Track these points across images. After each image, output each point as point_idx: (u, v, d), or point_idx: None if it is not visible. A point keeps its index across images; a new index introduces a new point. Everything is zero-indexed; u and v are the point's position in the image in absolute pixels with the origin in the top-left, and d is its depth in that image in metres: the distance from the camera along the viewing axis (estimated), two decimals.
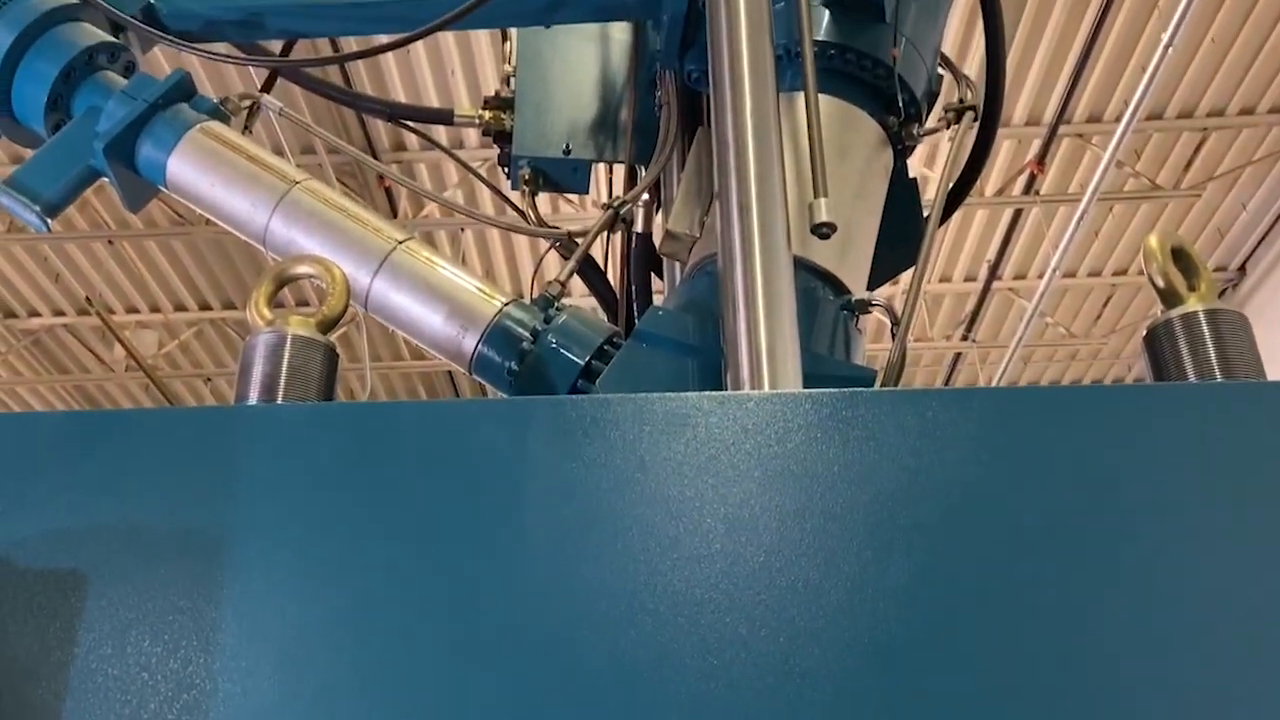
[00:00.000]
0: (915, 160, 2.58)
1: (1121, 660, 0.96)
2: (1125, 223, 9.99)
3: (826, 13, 2.06)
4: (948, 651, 0.97)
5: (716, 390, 1.56)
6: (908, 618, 0.98)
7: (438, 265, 1.89)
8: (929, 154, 8.16)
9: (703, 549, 1.01)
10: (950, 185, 2.22)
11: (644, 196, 2.34)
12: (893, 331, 1.83)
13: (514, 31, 2.58)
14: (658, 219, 2.44)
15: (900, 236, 2.12)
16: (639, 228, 2.43)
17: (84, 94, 2.07)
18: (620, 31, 2.53)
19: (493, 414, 1.12)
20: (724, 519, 1.03)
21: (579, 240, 2.14)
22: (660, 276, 2.48)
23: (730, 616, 0.98)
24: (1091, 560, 1.00)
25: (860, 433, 1.06)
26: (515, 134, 2.47)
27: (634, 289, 2.45)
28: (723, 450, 1.06)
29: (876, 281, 2.15)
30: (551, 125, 2.47)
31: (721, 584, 1.00)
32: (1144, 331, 1.27)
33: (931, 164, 8.22)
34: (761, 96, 1.69)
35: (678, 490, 1.04)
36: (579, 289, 2.52)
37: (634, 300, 2.45)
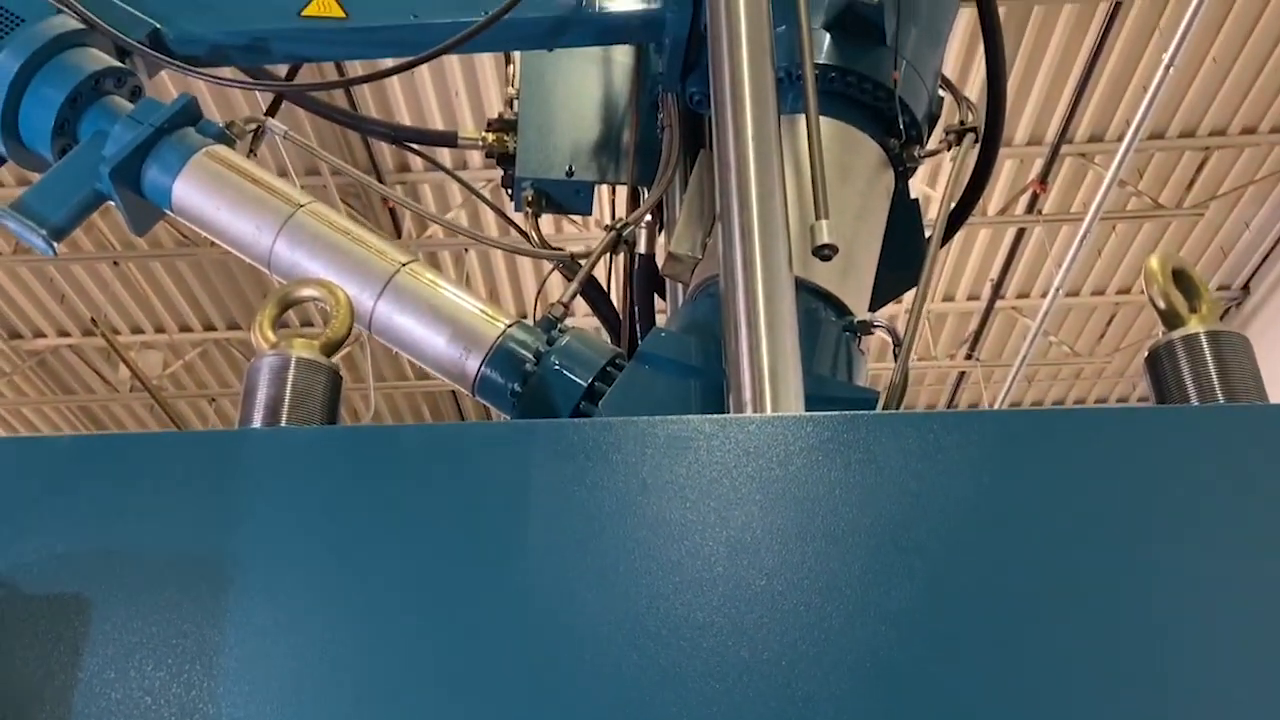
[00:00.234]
0: (917, 179, 2.59)
1: (1122, 683, 0.96)
2: (1128, 241, 10.00)
3: (827, 36, 2.07)
4: (949, 675, 0.97)
5: (719, 412, 1.57)
6: (909, 641, 0.98)
7: (441, 287, 1.90)
8: (931, 173, 8.18)
9: (705, 572, 1.01)
10: (952, 206, 2.23)
11: (646, 218, 2.35)
12: (895, 353, 1.83)
13: (517, 55, 2.60)
14: (660, 240, 2.45)
15: (902, 257, 2.12)
16: (642, 249, 2.44)
17: (90, 119, 2.08)
18: (622, 55, 2.55)
19: (495, 438, 1.12)
20: (726, 542, 1.03)
21: (582, 261, 2.14)
22: (663, 297, 2.49)
23: (732, 640, 0.98)
24: (1092, 584, 1.00)
25: (861, 456, 1.07)
26: (518, 156, 2.48)
27: (637, 310, 2.46)
28: (724, 473, 1.06)
29: (879, 302, 2.15)
30: (554, 147, 2.49)
31: (724, 607, 1.00)
32: (1146, 353, 1.27)
33: (934, 183, 8.25)
34: (763, 119, 1.69)
35: (679, 513, 1.04)
36: (582, 309, 2.53)
37: (637, 321, 2.46)
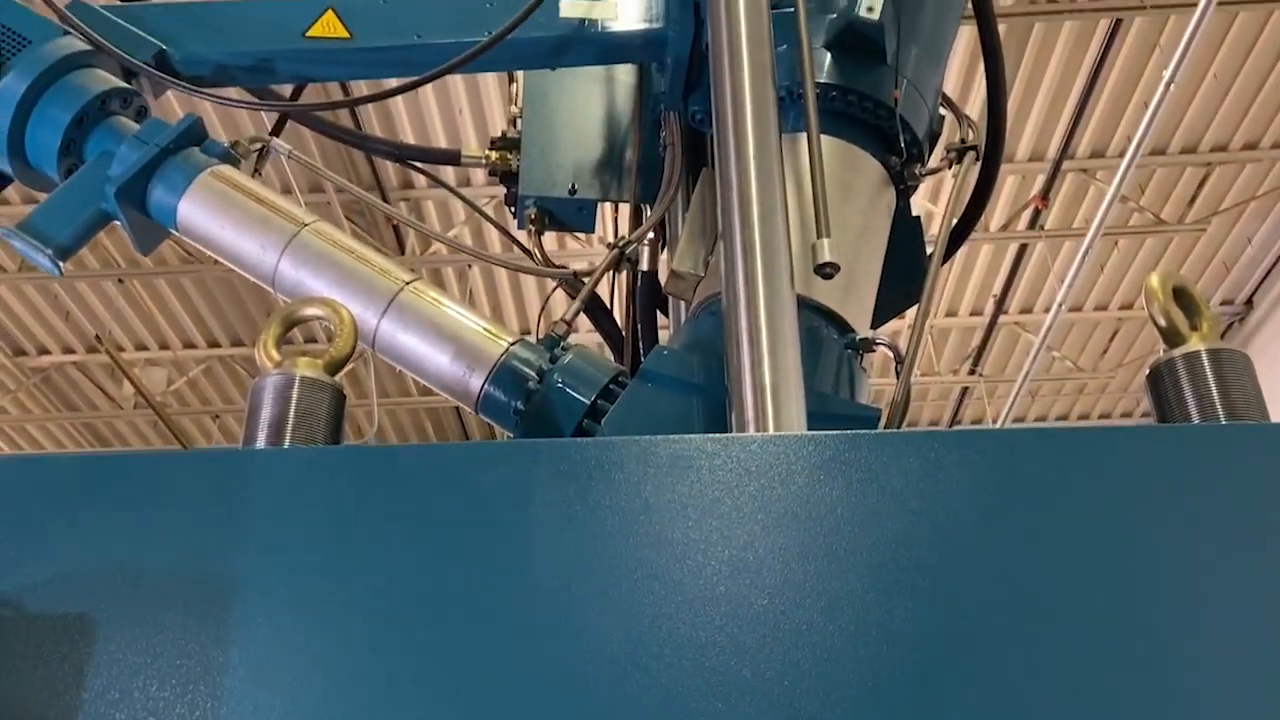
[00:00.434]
0: (919, 196, 2.60)
1: (1126, 703, 0.96)
2: (1130, 257, 10.00)
3: (828, 55, 2.08)
4: (952, 694, 0.97)
5: (722, 429, 1.57)
6: (911, 660, 0.98)
7: (444, 305, 1.91)
8: (933, 190, 8.19)
9: (707, 591, 1.01)
10: (953, 223, 2.23)
11: (649, 236, 2.36)
12: (897, 370, 1.83)
13: (521, 74, 2.61)
14: (663, 258, 2.46)
15: (904, 275, 2.13)
16: (644, 267, 2.45)
17: (96, 139, 2.10)
18: (625, 73, 2.56)
19: (497, 457, 1.12)
20: (728, 561, 1.03)
21: (585, 279, 2.15)
22: (665, 315, 2.50)
23: (735, 659, 0.98)
24: (1095, 603, 1.00)
25: (863, 475, 1.07)
26: (521, 174, 2.49)
27: (639, 328, 2.46)
28: (726, 493, 1.07)
29: (881, 319, 2.15)
30: (557, 165, 2.50)
31: (726, 627, 1.00)
32: (1147, 371, 1.28)
33: (935, 200, 8.26)
34: (764, 138, 1.70)
35: (682, 533, 1.05)
36: (585, 326, 2.53)
37: (640, 339, 2.46)
